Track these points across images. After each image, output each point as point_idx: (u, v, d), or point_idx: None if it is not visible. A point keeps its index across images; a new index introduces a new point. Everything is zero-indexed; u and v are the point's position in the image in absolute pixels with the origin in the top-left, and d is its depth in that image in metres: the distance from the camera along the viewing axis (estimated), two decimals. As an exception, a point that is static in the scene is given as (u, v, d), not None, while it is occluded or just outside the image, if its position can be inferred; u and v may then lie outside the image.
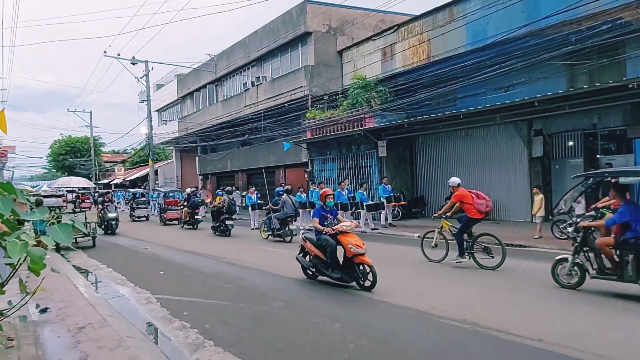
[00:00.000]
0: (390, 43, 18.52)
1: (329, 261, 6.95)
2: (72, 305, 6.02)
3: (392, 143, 16.94)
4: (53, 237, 3.10)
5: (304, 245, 7.59)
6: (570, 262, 6.40)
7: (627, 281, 5.84)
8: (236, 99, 26.15)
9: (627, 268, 5.82)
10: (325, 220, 7.32)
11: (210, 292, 6.91)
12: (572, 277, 6.42)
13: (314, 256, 7.29)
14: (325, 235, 7.01)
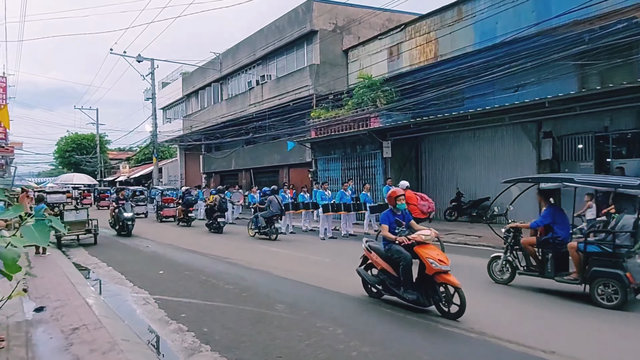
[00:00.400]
0: (397, 42, 18.32)
1: (402, 278, 5.65)
2: (68, 304, 5.87)
3: (397, 143, 16.71)
4: (27, 237, 2.86)
5: (367, 256, 6.33)
6: (502, 259, 7.18)
7: (547, 277, 6.59)
8: (241, 97, 26.02)
9: (547, 265, 6.60)
10: (396, 227, 6.00)
11: (210, 293, 6.73)
12: (504, 273, 7.18)
13: (381, 270, 6.03)
14: (398, 246, 5.73)
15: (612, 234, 6.06)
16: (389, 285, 5.88)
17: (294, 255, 10.19)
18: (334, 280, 7.47)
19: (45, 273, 8.13)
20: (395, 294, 5.79)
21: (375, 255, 6.15)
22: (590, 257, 6.02)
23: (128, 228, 14.87)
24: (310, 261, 9.46)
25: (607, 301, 5.79)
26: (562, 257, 6.54)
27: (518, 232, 7.18)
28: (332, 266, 8.88)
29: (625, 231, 5.95)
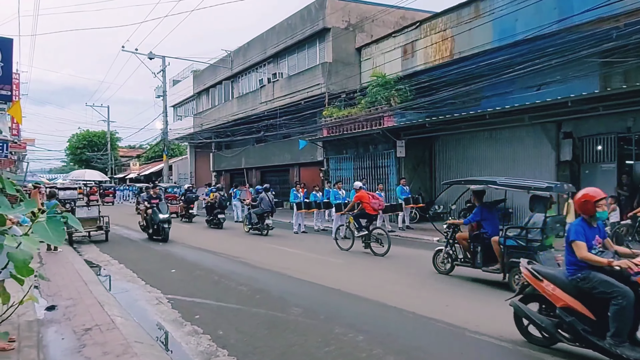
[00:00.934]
0: (412, 40, 18.02)
1: (617, 326, 3.79)
2: (80, 303, 5.73)
3: (411, 143, 16.44)
4: (41, 235, 2.67)
5: (534, 285, 4.43)
6: (444, 252, 8.00)
7: (477, 267, 7.42)
8: (252, 95, 25.88)
9: (477, 257, 7.40)
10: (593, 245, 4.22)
11: (223, 294, 6.56)
12: (445, 265, 7.97)
13: (564, 309, 4.16)
14: (606, 276, 3.94)
15: (526, 230, 6.84)
16: (583, 332, 4.03)
17: (307, 256, 10.00)
18: (349, 282, 7.26)
19: (56, 270, 8.04)
20: (595, 346, 3.98)
21: (551, 286, 4.30)
22: (508, 250, 6.84)
23: (164, 232, 12.40)
24: (324, 262, 9.27)
25: None
26: (490, 250, 7.15)
27: (457, 228, 7.98)
28: (347, 268, 8.67)
29: (536, 228, 6.79)
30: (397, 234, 13.82)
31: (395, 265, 8.84)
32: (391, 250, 10.07)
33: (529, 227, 6.87)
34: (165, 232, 12.45)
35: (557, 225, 7.34)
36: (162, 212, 12.68)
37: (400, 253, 10.24)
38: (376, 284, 7.22)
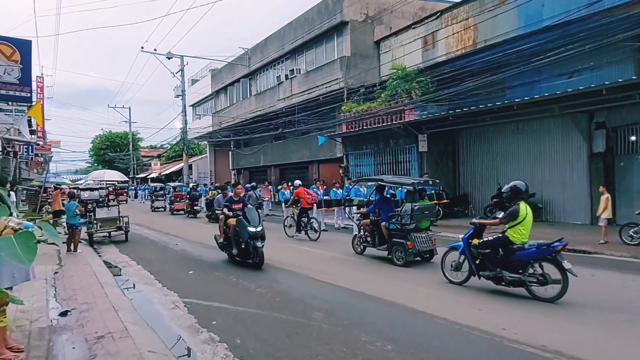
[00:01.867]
0: (432, 31, 17.48)
1: None
2: (94, 308, 5.53)
3: (433, 137, 15.92)
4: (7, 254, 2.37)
5: None
6: (358, 237, 9.73)
7: (374, 247, 9.14)
8: (270, 92, 25.66)
9: (374, 239, 9.11)
10: None
11: (241, 297, 6.29)
12: (359, 247, 9.68)
13: None
14: None
15: (400, 217, 8.59)
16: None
17: (328, 255, 9.67)
18: (373, 284, 6.91)
19: (75, 271, 7.92)
20: None
21: None
22: (390, 232, 8.60)
23: (257, 253, 8.29)
24: (346, 262, 8.92)
25: (398, 261, 8.44)
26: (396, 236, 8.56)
27: (365, 216, 9.56)
28: (369, 268, 8.30)
29: (406, 214, 8.48)
30: (420, 231, 13.38)
31: (420, 265, 8.43)
32: None
33: (401, 214, 8.61)
34: (259, 252, 8.29)
35: (426, 212, 8.94)
36: (251, 222, 8.50)
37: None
38: (402, 285, 6.85)
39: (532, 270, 5.91)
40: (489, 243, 6.31)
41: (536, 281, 5.86)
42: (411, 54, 18.04)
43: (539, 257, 5.84)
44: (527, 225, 6.09)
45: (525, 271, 5.93)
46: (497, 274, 6.16)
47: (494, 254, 6.23)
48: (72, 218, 10.03)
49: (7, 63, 10.72)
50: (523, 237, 6.06)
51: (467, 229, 7.03)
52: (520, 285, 6.02)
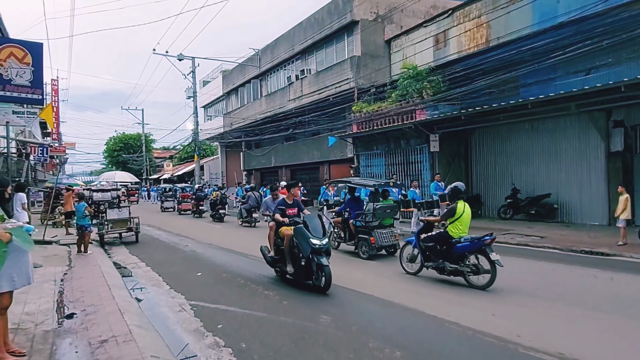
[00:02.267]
0: (444, 29, 17.25)
1: None
2: (100, 310, 5.48)
3: (445, 137, 15.66)
4: None
5: None
6: (333, 233, 10.68)
7: (345, 243, 10.26)
8: (280, 93, 25.63)
9: (345, 235, 10.20)
10: None
11: (248, 300, 6.19)
12: (335, 242, 10.52)
13: None
14: None
15: (364, 215, 9.54)
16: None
17: (340, 257, 9.51)
18: (381, 286, 6.76)
19: (84, 273, 7.91)
20: None
21: None
22: (357, 229, 9.63)
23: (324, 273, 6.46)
24: (356, 263, 8.78)
25: (363, 254, 9.43)
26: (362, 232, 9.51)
27: (338, 214, 10.63)
28: (378, 270, 8.15)
29: (369, 213, 9.45)
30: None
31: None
32: None
33: (365, 213, 9.60)
34: (326, 272, 6.44)
35: (387, 211, 9.84)
36: (313, 233, 6.74)
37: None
38: (410, 287, 6.69)
39: (468, 261, 6.67)
40: (432, 237, 7.11)
41: (470, 271, 6.60)
42: (422, 53, 17.83)
43: (473, 249, 6.58)
44: (464, 221, 6.88)
45: (462, 262, 6.69)
46: (439, 264, 6.96)
47: (437, 247, 7.02)
48: (81, 219, 10.06)
49: (19, 66, 10.80)
50: (461, 232, 6.85)
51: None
52: (459, 274, 6.77)
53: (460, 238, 6.76)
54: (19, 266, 3.60)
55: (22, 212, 9.93)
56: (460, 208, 6.88)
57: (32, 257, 9.14)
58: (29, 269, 3.73)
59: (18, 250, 3.60)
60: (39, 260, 8.97)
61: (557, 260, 8.64)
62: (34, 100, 11.16)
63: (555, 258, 8.87)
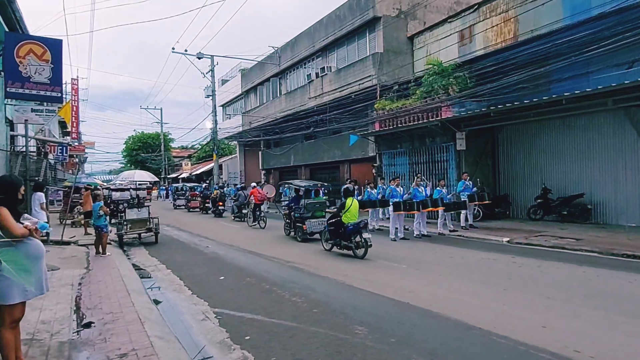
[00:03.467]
0: (469, 24, 16.66)
1: None
2: (120, 318, 5.17)
3: (471, 135, 15.07)
4: None
5: None
6: (285, 224, 13.18)
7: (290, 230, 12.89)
8: (300, 91, 25.27)
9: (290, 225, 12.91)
10: None
11: (276, 308, 5.81)
12: (287, 231, 13.05)
13: None
14: None
15: (299, 208, 12.31)
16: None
17: (365, 260, 9.10)
18: (418, 293, 6.30)
19: (102, 276, 7.65)
20: None
21: None
22: (295, 219, 12.47)
23: None
24: (385, 268, 8.33)
25: (298, 238, 12.26)
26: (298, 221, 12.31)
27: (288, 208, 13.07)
28: (412, 275, 7.68)
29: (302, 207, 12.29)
30: (460, 233, 12.64)
31: (466, 271, 7.76)
32: (460, 253, 9.38)
33: (299, 207, 12.49)
34: None
35: (317, 206, 12.69)
36: None
37: (469, 257, 9.11)
38: (450, 295, 6.21)
39: (353, 239, 9.39)
40: (331, 223, 10.09)
41: (355, 246, 9.36)
42: (447, 49, 17.28)
43: (355, 231, 9.35)
44: (352, 212, 9.77)
45: (350, 240, 9.45)
46: (337, 242, 9.88)
47: (335, 230, 9.90)
48: (97, 219, 9.82)
49: (39, 63, 10.64)
50: (350, 219, 9.63)
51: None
52: (349, 248, 9.54)
53: (349, 224, 9.49)
54: (33, 274, 3.28)
55: (40, 211, 9.77)
56: (349, 203, 9.85)
57: (50, 259, 9.04)
58: (42, 277, 3.41)
59: (32, 257, 3.29)
60: (56, 262, 8.76)
61: (599, 264, 8.05)
62: (53, 98, 10.99)
63: (596, 262, 8.29)
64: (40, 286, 3.40)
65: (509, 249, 10.04)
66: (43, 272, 3.42)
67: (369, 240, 9.16)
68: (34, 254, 3.34)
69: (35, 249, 3.36)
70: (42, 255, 3.41)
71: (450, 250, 10.10)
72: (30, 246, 3.32)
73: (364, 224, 9.31)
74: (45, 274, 3.45)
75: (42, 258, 3.41)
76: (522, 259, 8.74)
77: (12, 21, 13.89)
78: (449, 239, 11.95)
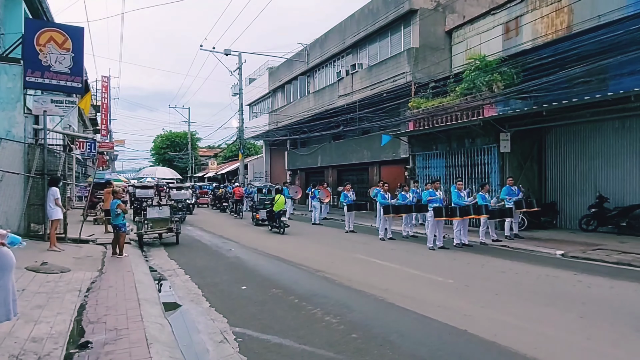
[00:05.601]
0: (516, 16, 15.45)
1: None
2: (123, 338, 4.36)
3: (515, 137, 13.81)
4: None
5: None
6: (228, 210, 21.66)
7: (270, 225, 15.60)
8: (329, 89, 24.39)
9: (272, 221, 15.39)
10: None
11: (307, 329, 4.91)
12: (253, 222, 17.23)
13: None
14: None
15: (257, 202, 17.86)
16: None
17: (404, 272, 8.11)
18: (476, 318, 5.27)
19: (114, 281, 6.92)
20: None
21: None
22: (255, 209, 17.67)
23: None
24: (429, 282, 7.31)
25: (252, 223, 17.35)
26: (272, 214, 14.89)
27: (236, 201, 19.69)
28: (463, 293, 6.61)
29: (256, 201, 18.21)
30: (504, 244, 11.47)
31: (526, 290, 6.67)
32: (512, 267, 8.33)
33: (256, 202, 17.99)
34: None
35: (267, 202, 16.69)
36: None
37: (524, 272, 7.98)
38: (515, 322, 5.15)
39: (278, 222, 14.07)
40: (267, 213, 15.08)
41: (279, 226, 13.99)
42: (488, 43, 16.11)
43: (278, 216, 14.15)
44: (279, 203, 14.26)
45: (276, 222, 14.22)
46: (270, 223, 14.77)
47: (270, 215, 14.66)
48: (115, 218, 9.15)
49: (59, 51, 10.14)
50: (278, 208, 14.19)
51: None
52: (276, 228, 14.22)
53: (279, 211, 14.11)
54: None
55: (55, 207, 9.19)
56: (277, 197, 14.41)
57: (64, 258, 8.41)
58: (8, 297, 2.59)
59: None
60: (69, 262, 8.11)
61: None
62: (73, 89, 10.47)
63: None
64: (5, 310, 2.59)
65: (566, 264, 8.84)
66: (9, 292, 2.61)
67: (285, 222, 14.21)
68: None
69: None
70: (7, 269, 2.61)
71: (498, 263, 8.99)
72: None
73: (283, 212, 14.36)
74: (12, 293, 2.64)
75: (7, 272, 2.61)
76: (587, 277, 7.56)
77: (39, 12, 13.57)
78: (494, 250, 10.81)
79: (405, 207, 12.69)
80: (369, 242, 12.22)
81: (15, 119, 10.12)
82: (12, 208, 10.06)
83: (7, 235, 2.52)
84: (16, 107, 10.09)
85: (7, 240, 2.51)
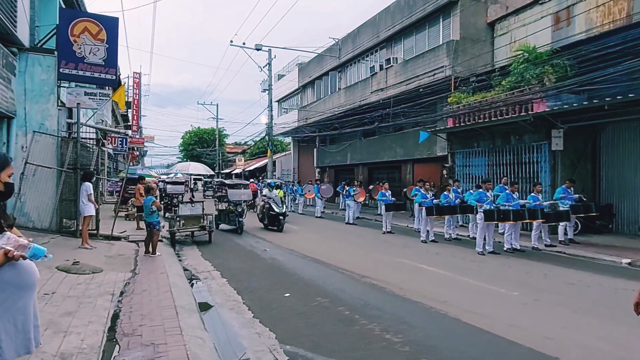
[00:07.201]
0: (567, 5, 14.41)
1: None
2: (162, 355, 3.84)
3: (568, 133, 12.83)
4: None
5: None
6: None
7: None
8: (361, 85, 23.66)
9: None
10: None
11: (365, 351, 4.28)
12: None
13: None
14: None
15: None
16: None
17: (458, 280, 7.38)
18: (561, 342, 4.51)
19: (148, 284, 6.47)
20: None
21: None
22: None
23: None
24: (491, 294, 6.54)
25: None
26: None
27: None
28: (534, 308, 5.81)
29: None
30: (559, 249, 10.57)
31: (606, 306, 5.87)
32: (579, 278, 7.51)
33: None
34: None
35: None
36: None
37: (595, 284, 7.15)
38: (609, 349, 4.37)
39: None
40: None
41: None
42: (536, 35, 15.10)
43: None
44: None
45: None
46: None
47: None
48: (149, 216, 8.75)
49: (93, 42, 9.82)
50: None
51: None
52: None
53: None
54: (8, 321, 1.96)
55: (88, 203, 8.86)
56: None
57: (96, 257, 8.05)
58: (28, 324, 2.06)
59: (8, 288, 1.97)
60: (101, 261, 7.74)
61: None
62: (107, 81, 10.15)
63: None
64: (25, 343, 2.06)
65: (636, 275, 7.94)
66: (29, 316, 2.08)
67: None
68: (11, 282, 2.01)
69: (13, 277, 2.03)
70: (28, 288, 2.08)
71: (561, 272, 8.16)
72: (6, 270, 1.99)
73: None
74: (34, 318, 2.11)
75: (28, 292, 2.08)
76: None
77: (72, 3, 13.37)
78: (549, 256, 9.95)
79: (449, 207, 11.91)
80: (410, 245, 11.51)
81: (49, 111, 9.86)
82: (44, 203, 9.83)
83: (29, 247, 1.99)
84: (50, 100, 9.83)
85: (29, 253, 1.98)
